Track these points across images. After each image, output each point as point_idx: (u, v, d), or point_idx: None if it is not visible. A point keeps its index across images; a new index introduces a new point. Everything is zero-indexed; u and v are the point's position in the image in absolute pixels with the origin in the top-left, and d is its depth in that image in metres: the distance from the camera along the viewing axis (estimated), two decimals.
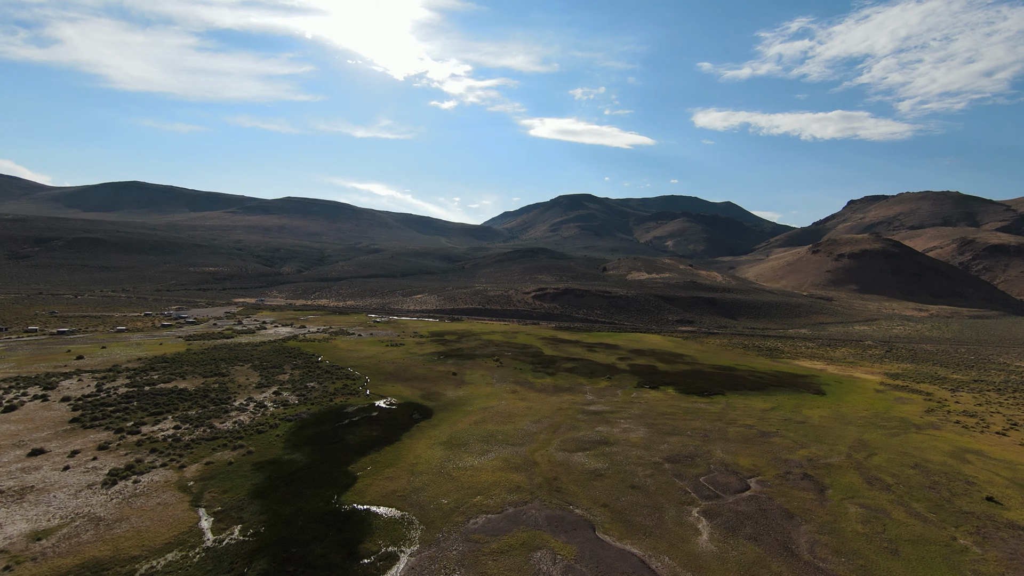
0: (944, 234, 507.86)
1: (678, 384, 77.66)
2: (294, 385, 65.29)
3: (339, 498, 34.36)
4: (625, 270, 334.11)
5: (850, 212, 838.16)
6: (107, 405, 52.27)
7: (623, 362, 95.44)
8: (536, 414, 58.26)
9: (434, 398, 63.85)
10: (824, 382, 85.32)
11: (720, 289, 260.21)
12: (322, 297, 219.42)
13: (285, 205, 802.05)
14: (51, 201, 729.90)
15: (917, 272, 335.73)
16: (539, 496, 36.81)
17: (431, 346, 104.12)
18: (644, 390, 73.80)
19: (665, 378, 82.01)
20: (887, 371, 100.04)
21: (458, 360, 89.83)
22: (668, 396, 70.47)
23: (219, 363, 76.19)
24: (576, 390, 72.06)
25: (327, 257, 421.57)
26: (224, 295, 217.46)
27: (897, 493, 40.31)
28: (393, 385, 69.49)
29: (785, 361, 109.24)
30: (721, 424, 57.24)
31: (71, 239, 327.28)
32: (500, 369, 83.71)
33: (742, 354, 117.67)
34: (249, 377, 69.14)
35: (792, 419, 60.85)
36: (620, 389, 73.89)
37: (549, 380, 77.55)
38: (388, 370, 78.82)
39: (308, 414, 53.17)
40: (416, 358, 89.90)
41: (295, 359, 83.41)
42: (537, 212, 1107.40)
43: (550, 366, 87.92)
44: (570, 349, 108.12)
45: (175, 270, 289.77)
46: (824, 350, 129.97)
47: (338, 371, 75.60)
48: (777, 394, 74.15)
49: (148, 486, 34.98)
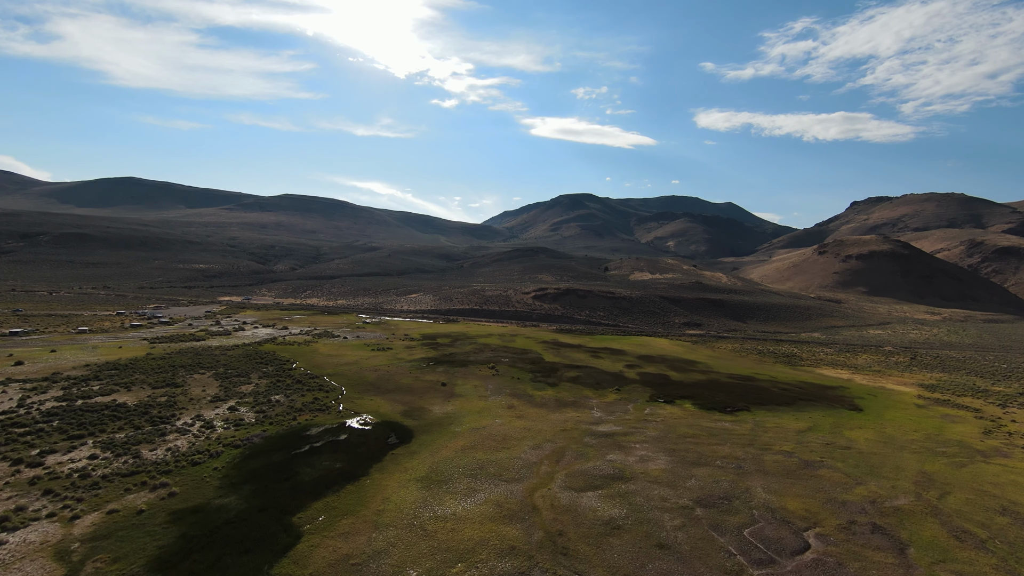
0: (951, 236, 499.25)
1: (696, 397, 68.79)
2: (256, 399, 56.40)
3: (270, 571, 25.45)
4: (628, 270, 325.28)
5: (853, 213, 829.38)
6: (18, 426, 43.34)
7: (632, 370, 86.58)
8: (536, 436, 49.39)
9: (417, 415, 54.96)
10: (856, 395, 76.46)
11: (726, 291, 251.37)
12: (313, 296, 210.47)
13: (283, 202, 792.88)
14: (45, 196, 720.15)
15: (927, 274, 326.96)
16: (540, 562, 27.93)
17: (421, 351, 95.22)
18: (658, 404, 64.94)
19: (680, 390, 73.14)
20: (920, 381, 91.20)
21: (449, 367, 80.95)
22: (687, 412, 61.62)
23: (177, 371, 67.28)
24: (582, 405, 63.18)
25: (323, 255, 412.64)
26: (211, 293, 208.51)
27: (998, 554, 31.45)
28: (372, 398, 60.58)
29: (807, 369, 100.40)
30: (754, 450, 48.38)
31: (57, 234, 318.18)
32: (496, 378, 74.83)
33: (758, 361, 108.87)
34: (206, 388, 60.22)
35: (835, 443, 51.99)
36: (631, 403, 65.04)
37: (551, 392, 68.65)
38: (369, 379, 69.91)
39: (262, 437, 44.26)
40: (403, 365, 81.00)
41: (266, 365, 74.50)
42: (537, 211, 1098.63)
43: (551, 375, 79.05)
44: (573, 355, 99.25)
45: (164, 267, 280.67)
46: (844, 356, 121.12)
47: (311, 381, 66.66)
48: (809, 410, 65.30)
49: (13, 552, 26.05)
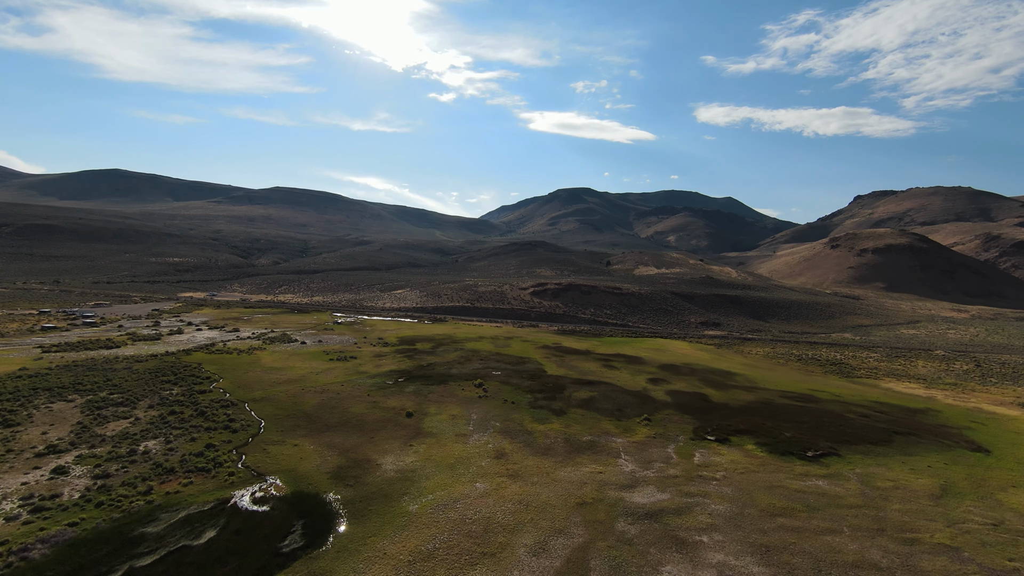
0: (964, 230, 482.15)
1: (756, 432, 49.99)
2: (115, 448, 37.32)
3: None
4: (631, 264, 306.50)
5: (857, 208, 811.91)
6: None
7: (658, 387, 67.68)
8: (539, 522, 30.51)
9: (357, 476, 35.98)
10: (961, 424, 57.76)
11: (739, 286, 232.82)
12: (288, 292, 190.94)
13: (273, 195, 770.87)
14: (25, 189, 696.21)
15: (949, 269, 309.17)
16: None
17: (392, 361, 76.16)
18: (709, 445, 46.14)
19: (729, 418, 54.34)
20: (1019, 399, 72.66)
21: (423, 385, 61.93)
22: (755, 461, 42.82)
23: (36, 396, 48.06)
24: (603, 448, 44.29)
25: (310, 249, 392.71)
26: (177, 288, 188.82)
27: None
28: (297, 442, 41.55)
29: (868, 383, 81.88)
30: (893, 544, 29.59)
31: (22, 226, 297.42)
32: (483, 402, 55.88)
33: (803, 370, 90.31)
34: (55, 428, 41.08)
35: (1003, 522, 33.25)
36: (671, 443, 46.21)
37: (557, 426, 49.73)
38: (307, 407, 50.84)
39: (59, 543, 25.20)
40: (362, 383, 61.94)
41: (174, 386, 55.36)
42: (535, 206, 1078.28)
43: (557, 396, 60.11)
44: (581, 364, 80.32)
45: (134, 260, 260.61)
46: (899, 364, 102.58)
47: (222, 412, 47.55)
48: (918, 452, 46.58)
49: None
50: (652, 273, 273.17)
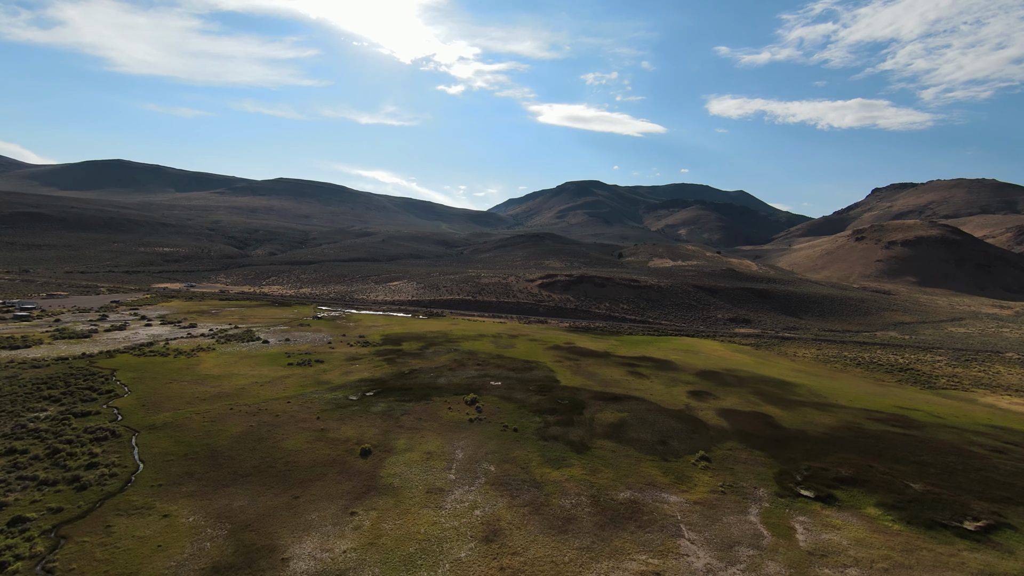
0: (994, 222, 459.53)
1: (867, 479, 34.30)
2: None
3: None
4: (645, 256, 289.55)
5: (875, 200, 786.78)
6: None
7: (703, 403, 51.98)
8: None
9: None
10: None
11: (765, 280, 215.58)
12: (275, 283, 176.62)
13: (276, 187, 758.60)
14: (27, 179, 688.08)
15: (985, 263, 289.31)
16: None
17: (367, 367, 61.04)
18: (810, 508, 30.50)
19: (817, 455, 38.64)
20: None
21: (397, 403, 46.71)
22: (891, 539, 27.15)
23: None
24: (651, 519, 28.77)
25: (311, 240, 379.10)
26: (154, 279, 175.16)
27: None
28: (173, 508, 26.42)
29: (963, 397, 65.70)
30: None
31: (8, 214, 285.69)
32: (474, 430, 40.55)
33: (870, 378, 74.19)
34: None
35: None
36: (752, 505, 30.61)
37: (579, 471, 34.28)
38: (221, 440, 35.73)
39: None
40: (316, 398, 46.81)
41: (54, 403, 40.56)
42: (543, 199, 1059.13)
43: (575, 419, 44.63)
44: (602, 371, 64.69)
45: (120, 250, 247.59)
46: (975, 369, 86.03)
47: (90, 448, 32.56)
48: None
49: None
50: (668, 265, 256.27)
